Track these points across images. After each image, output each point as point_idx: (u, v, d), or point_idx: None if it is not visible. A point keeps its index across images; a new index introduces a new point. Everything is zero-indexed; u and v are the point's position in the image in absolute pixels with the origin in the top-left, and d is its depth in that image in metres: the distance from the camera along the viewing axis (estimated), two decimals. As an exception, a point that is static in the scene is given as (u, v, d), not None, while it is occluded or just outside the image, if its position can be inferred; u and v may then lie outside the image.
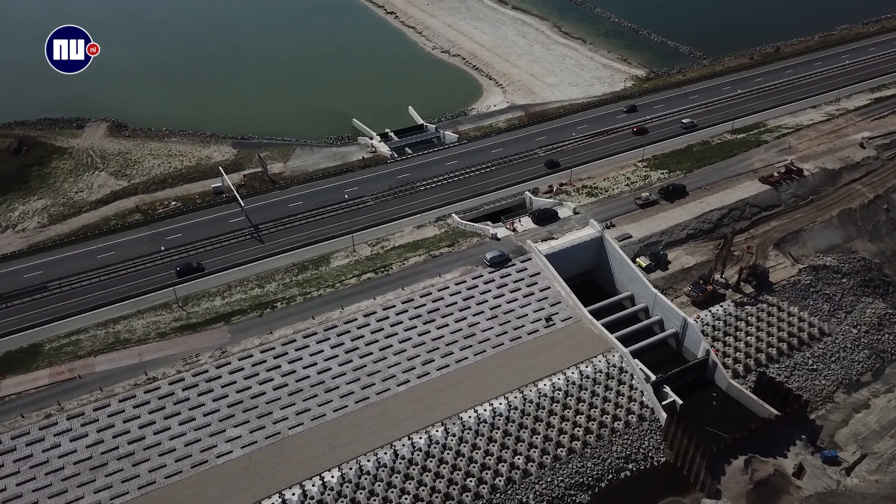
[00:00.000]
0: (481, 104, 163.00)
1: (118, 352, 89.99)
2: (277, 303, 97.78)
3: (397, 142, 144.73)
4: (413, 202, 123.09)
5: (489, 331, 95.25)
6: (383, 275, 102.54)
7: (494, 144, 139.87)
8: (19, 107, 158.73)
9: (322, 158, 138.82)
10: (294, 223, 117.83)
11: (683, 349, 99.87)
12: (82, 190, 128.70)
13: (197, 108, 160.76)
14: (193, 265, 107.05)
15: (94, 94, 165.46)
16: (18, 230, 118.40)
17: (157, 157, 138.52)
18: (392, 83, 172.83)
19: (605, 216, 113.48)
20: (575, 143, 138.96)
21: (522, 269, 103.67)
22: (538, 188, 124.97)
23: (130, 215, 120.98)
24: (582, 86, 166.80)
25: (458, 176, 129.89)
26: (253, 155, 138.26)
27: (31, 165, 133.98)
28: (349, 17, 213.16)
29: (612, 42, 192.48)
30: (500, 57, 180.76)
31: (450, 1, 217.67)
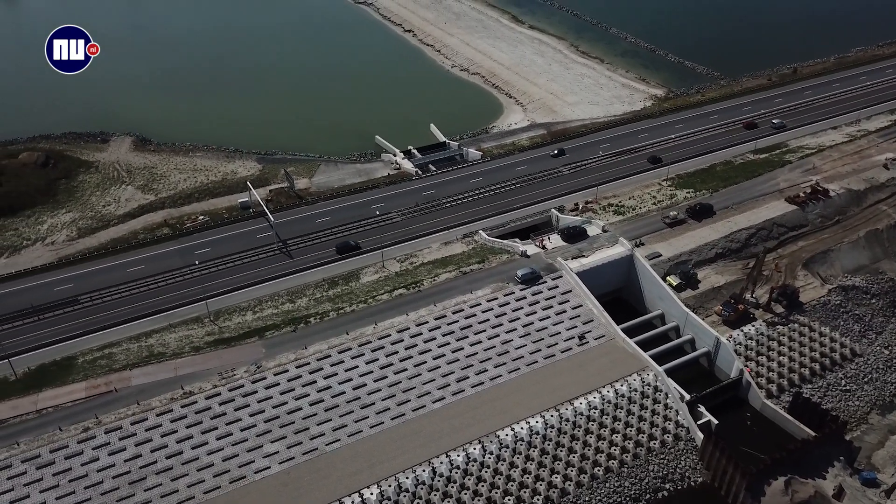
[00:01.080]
0: (502, 122, 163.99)
1: (153, 365, 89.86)
2: (311, 318, 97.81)
3: (420, 158, 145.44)
4: (439, 218, 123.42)
5: (522, 348, 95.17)
6: (415, 291, 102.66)
7: (518, 162, 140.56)
8: (44, 120, 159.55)
9: (347, 174, 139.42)
10: (322, 238, 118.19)
11: (715, 368, 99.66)
12: (110, 203, 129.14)
13: (220, 124, 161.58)
14: (351, 243, 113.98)
15: (118, 108, 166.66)
16: (48, 243, 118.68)
17: (182, 172, 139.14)
18: (412, 100, 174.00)
19: (633, 234, 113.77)
20: (599, 162, 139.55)
21: (554, 286, 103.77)
22: (564, 206, 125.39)
23: (158, 229, 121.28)
24: (602, 105, 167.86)
25: (483, 193, 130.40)
26: (278, 170, 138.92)
27: (59, 179, 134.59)
28: (368, 34, 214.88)
29: (630, 62, 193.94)
30: (520, 75, 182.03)
31: (467, 20, 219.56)
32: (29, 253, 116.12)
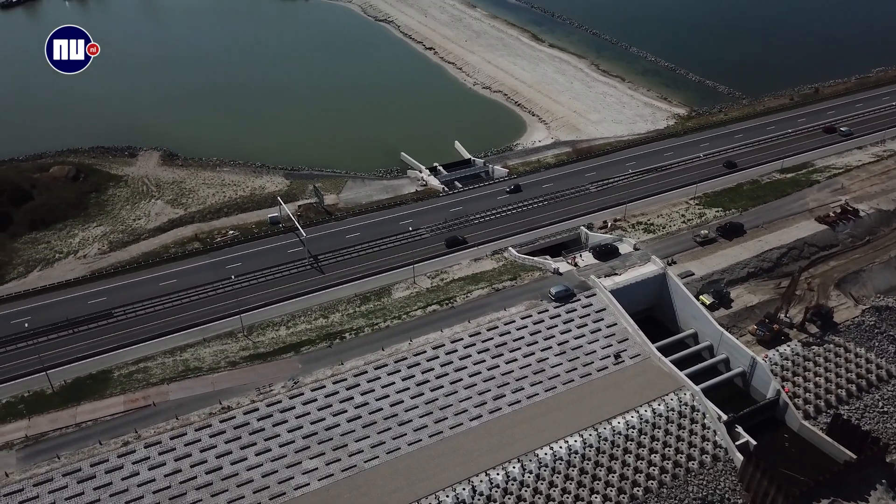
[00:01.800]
0: (526, 139, 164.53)
1: (190, 380, 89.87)
2: (345, 333, 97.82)
3: (446, 175, 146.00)
4: (468, 235, 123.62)
5: (558, 366, 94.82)
6: (448, 307, 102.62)
7: (544, 179, 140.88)
8: (72, 134, 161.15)
9: (374, 191, 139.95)
10: (353, 254, 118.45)
11: (751, 388, 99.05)
12: (140, 217, 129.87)
13: (246, 139, 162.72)
14: (459, 238, 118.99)
15: (145, 123, 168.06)
16: (80, 256, 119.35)
17: (211, 187, 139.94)
18: (436, 117, 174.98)
19: (665, 253, 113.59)
20: (626, 179, 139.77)
21: (588, 304, 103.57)
22: (593, 223, 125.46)
23: (189, 243, 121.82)
24: (625, 123, 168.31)
25: (510, 210, 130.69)
26: (306, 186, 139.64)
27: (89, 192, 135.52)
28: (389, 51, 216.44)
29: (651, 81, 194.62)
30: (542, 93, 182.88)
31: (487, 38, 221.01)
32: (62, 266, 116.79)
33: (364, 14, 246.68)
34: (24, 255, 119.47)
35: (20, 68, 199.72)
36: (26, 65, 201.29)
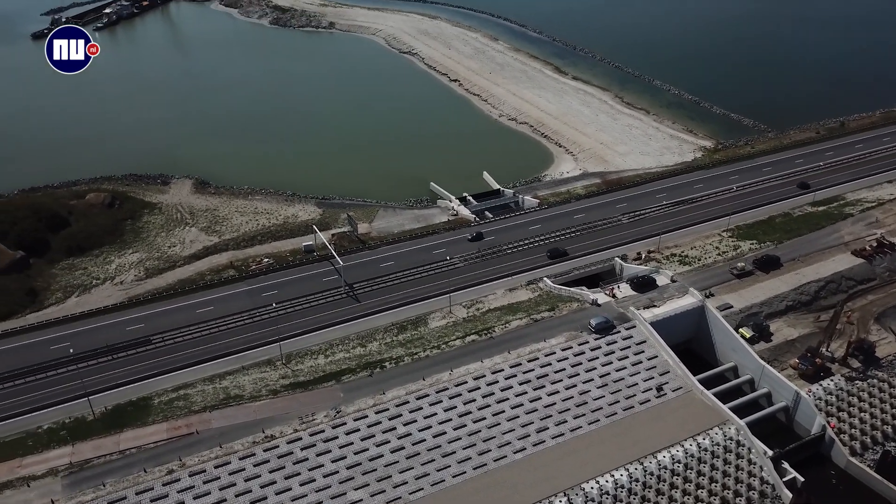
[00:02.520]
0: (554, 170, 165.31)
1: (232, 408, 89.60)
2: (385, 363, 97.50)
3: (476, 205, 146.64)
4: (501, 265, 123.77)
5: (601, 399, 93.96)
6: (487, 337, 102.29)
7: (575, 210, 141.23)
8: (105, 162, 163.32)
9: (405, 220, 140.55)
10: (387, 283, 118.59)
11: (794, 423, 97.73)
12: (175, 245, 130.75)
13: (276, 168, 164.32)
14: (560, 250, 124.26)
15: (176, 152, 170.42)
16: (116, 282, 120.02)
17: (244, 215, 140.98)
18: (463, 148, 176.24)
19: (701, 285, 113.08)
20: (658, 211, 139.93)
21: (628, 336, 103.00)
22: (627, 254, 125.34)
23: (224, 271, 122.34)
24: (653, 155, 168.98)
25: (543, 240, 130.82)
26: (338, 215, 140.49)
27: (125, 219, 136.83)
28: (415, 83, 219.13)
29: (676, 113, 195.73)
30: (568, 125, 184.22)
31: (511, 70, 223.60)
32: (99, 292, 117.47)
33: (388, 46, 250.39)
34: (61, 281, 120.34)
35: (51, 98, 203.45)
36: (58, 94, 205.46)
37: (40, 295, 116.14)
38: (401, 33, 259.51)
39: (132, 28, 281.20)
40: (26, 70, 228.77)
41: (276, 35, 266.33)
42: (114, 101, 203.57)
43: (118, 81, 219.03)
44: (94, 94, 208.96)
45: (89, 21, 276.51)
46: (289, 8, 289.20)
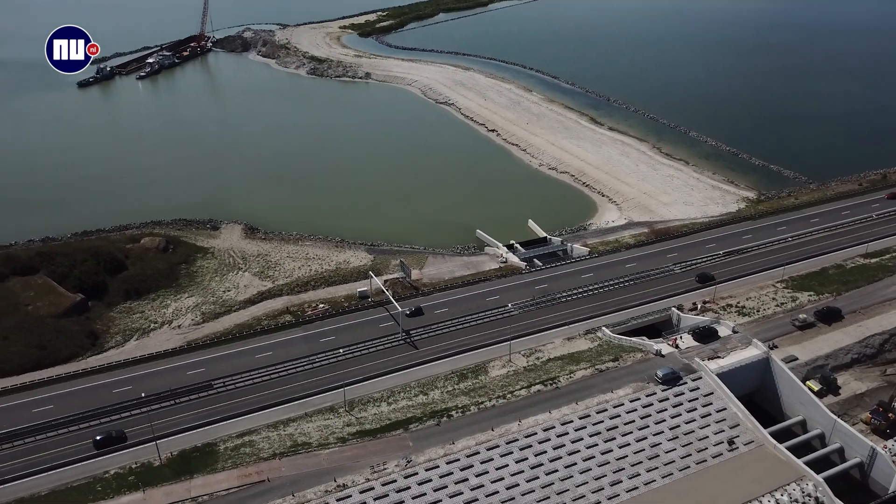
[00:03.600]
0: (599, 219, 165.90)
1: (301, 456, 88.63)
2: (452, 412, 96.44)
3: (524, 253, 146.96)
4: (556, 313, 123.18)
5: (672, 452, 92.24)
6: (552, 387, 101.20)
7: (626, 259, 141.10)
8: (154, 207, 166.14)
9: (455, 266, 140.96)
10: (444, 330, 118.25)
11: (870, 480, 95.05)
12: (229, 289, 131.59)
13: (322, 214, 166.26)
14: (708, 274, 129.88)
15: (223, 197, 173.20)
16: (174, 326, 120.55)
17: (296, 260, 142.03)
18: (506, 196, 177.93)
19: (764, 336, 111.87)
20: (709, 261, 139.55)
21: (695, 387, 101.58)
22: (682, 304, 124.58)
23: (281, 316, 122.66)
24: (696, 205, 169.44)
25: (596, 289, 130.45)
26: (388, 261, 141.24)
27: (179, 264, 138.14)
28: (454, 132, 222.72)
29: (715, 164, 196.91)
30: (610, 175, 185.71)
31: (548, 121, 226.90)
32: (158, 336, 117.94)
33: (424, 96, 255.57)
34: (120, 324, 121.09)
35: (98, 143, 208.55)
36: (105, 140, 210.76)
37: (100, 338, 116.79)
38: (436, 84, 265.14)
39: (173, 77, 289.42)
40: (74, 116, 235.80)
41: (315, 84, 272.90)
42: (159, 148, 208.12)
43: (162, 128, 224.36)
44: (140, 140, 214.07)
45: (132, 70, 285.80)
46: (325, 59, 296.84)
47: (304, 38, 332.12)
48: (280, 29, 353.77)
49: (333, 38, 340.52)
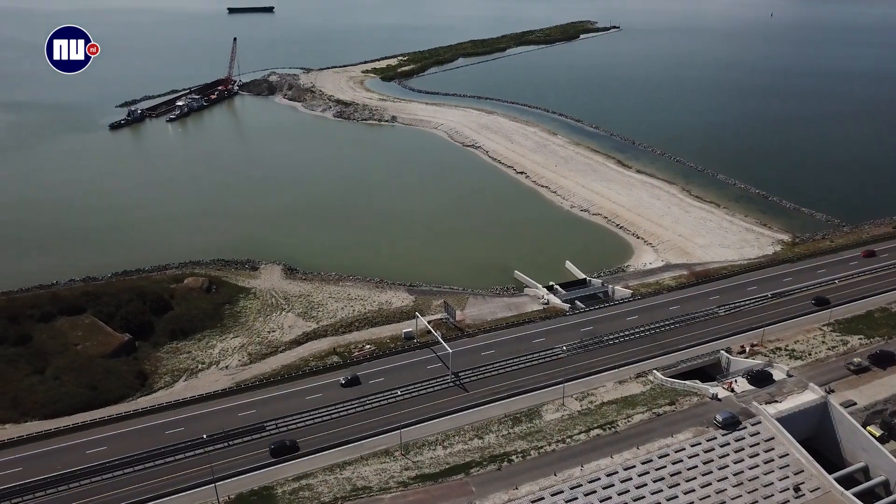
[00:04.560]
0: (636, 261, 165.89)
1: (363, 500, 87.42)
2: (512, 456, 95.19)
3: (565, 295, 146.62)
4: (605, 356, 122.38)
5: (738, 499, 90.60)
6: (611, 432, 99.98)
7: (669, 301, 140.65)
8: (192, 247, 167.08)
9: (497, 308, 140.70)
10: (493, 372, 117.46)
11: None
12: (274, 330, 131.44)
13: (360, 254, 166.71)
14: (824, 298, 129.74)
15: (257, 237, 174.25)
16: (222, 367, 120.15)
17: (338, 301, 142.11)
18: (540, 237, 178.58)
19: (819, 380, 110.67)
20: (753, 303, 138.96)
21: (755, 432, 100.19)
22: (731, 347, 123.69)
23: (328, 357, 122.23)
24: (733, 248, 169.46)
25: (643, 332, 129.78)
26: (429, 302, 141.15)
27: (223, 304, 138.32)
28: (483, 175, 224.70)
29: (746, 207, 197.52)
30: (643, 217, 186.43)
31: (575, 164, 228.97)
32: (206, 376, 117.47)
33: (451, 139, 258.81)
34: (168, 364, 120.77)
35: (133, 184, 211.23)
36: (139, 181, 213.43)
37: (149, 378, 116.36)
38: (462, 127, 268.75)
39: (202, 120, 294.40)
40: (107, 158, 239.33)
41: (342, 127, 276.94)
42: (193, 189, 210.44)
43: (194, 170, 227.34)
44: (173, 181, 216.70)
45: (162, 113, 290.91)
46: (351, 102, 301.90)
47: (329, 82, 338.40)
48: (304, 73, 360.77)
49: (357, 82, 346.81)
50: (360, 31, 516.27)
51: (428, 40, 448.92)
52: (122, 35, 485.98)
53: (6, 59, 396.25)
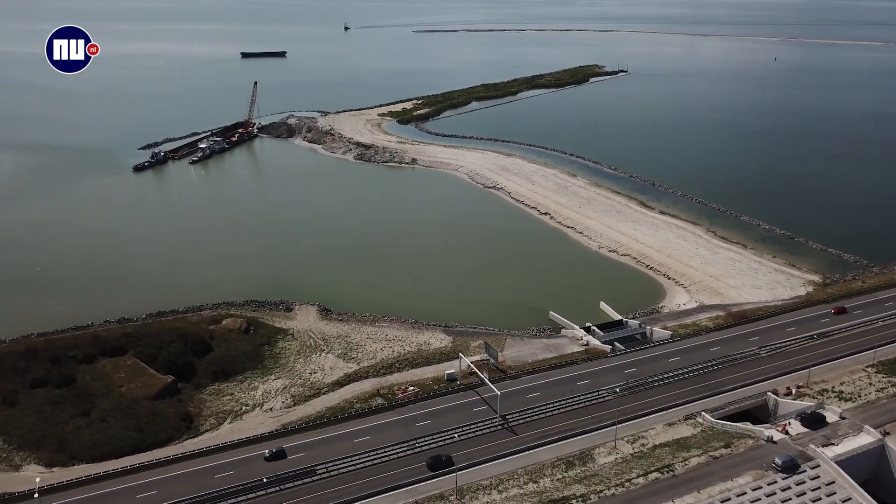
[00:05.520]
0: (670, 302, 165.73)
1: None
2: (572, 500, 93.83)
3: (603, 336, 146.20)
4: (651, 398, 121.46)
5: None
6: (670, 475, 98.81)
7: (710, 343, 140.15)
8: (223, 288, 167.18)
9: (536, 349, 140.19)
10: (539, 415, 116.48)
11: None
12: (315, 371, 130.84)
13: (391, 295, 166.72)
14: None
15: (287, 278, 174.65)
16: (266, 409, 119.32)
17: (376, 342, 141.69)
18: (571, 278, 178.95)
19: (873, 423, 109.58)
20: (793, 345, 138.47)
21: (815, 475, 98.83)
22: (777, 389, 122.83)
23: (372, 399, 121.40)
24: (765, 288, 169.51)
25: (686, 373, 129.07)
26: (467, 343, 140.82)
27: (262, 345, 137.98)
28: (508, 215, 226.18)
29: (772, 248, 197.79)
30: (672, 258, 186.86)
31: (598, 205, 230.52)
32: (251, 419, 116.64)
33: (472, 181, 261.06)
34: (212, 407, 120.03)
35: (161, 225, 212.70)
36: (166, 222, 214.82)
37: (195, 420, 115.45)
38: (482, 169, 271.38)
39: (224, 161, 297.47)
40: (134, 199, 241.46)
41: (363, 169, 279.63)
42: (220, 229, 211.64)
43: (220, 210, 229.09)
44: (200, 222, 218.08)
45: (185, 155, 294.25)
46: (371, 144, 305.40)
47: (347, 125, 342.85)
48: (321, 116, 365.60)
49: (374, 124, 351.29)
50: (370, 74, 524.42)
51: (439, 84, 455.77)
52: (139, 78, 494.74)
53: (28, 102, 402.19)
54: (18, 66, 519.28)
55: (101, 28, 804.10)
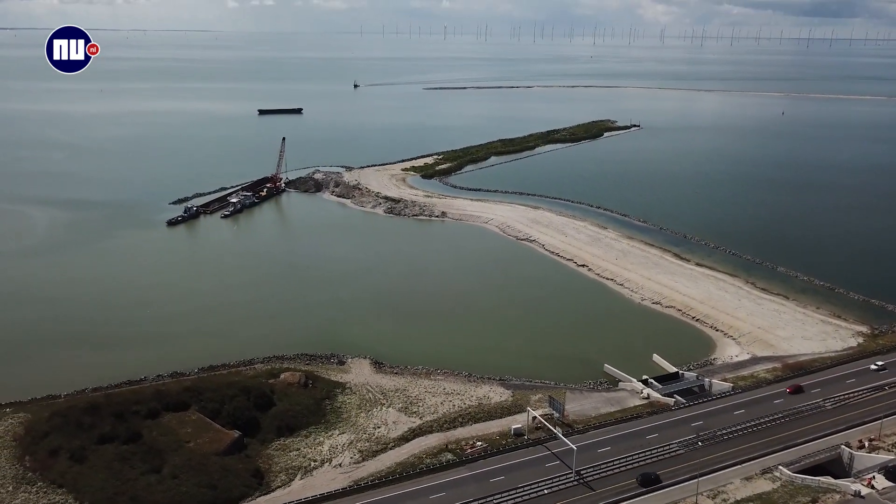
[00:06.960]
0: (722, 354, 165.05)
1: None
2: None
3: (661, 388, 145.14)
4: (722, 452, 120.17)
5: None
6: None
7: (771, 395, 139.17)
8: (270, 342, 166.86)
9: (597, 403, 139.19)
10: (614, 469, 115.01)
11: None
12: (379, 426, 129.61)
13: (441, 347, 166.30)
14: None
15: (334, 331, 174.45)
16: (335, 465, 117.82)
17: (435, 395, 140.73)
18: (619, 330, 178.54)
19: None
20: (856, 397, 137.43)
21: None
22: (849, 441, 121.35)
23: (440, 454, 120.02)
24: (815, 339, 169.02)
25: (754, 426, 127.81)
26: (527, 396, 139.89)
27: (323, 399, 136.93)
28: (543, 268, 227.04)
29: (814, 298, 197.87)
30: (717, 309, 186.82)
31: (633, 257, 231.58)
32: (322, 475, 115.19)
33: (504, 233, 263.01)
34: (280, 463, 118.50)
35: (199, 279, 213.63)
36: (206, 277, 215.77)
37: (265, 477, 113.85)
38: (512, 221, 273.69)
39: (254, 216, 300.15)
40: (171, 253, 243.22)
41: (393, 223, 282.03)
42: (259, 283, 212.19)
43: (256, 264, 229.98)
44: (235, 276, 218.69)
45: (215, 210, 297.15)
46: (399, 199, 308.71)
47: (373, 180, 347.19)
48: (346, 171, 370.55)
49: (399, 179, 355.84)
50: (387, 130, 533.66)
51: (456, 139, 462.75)
52: (161, 135, 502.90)
53: (55, 159, 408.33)
54: (41, 124, 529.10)
55: (116, 87, 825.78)
